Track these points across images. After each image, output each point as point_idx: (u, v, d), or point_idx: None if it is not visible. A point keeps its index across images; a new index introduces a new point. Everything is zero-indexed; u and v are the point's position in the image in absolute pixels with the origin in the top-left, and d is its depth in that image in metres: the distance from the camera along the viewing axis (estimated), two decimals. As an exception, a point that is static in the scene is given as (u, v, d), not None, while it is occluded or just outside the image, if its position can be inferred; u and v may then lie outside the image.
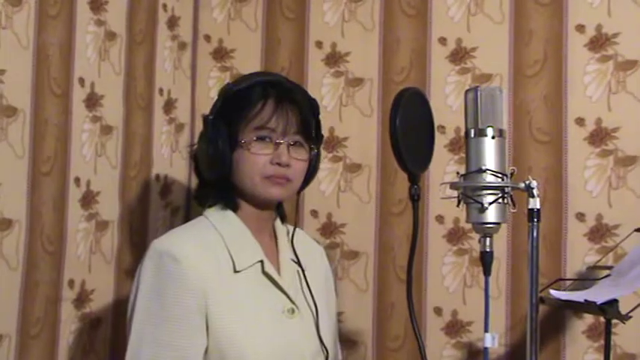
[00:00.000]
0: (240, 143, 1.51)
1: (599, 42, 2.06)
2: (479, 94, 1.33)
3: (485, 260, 1.34)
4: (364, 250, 2.20)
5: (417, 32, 2.21)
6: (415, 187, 1.37)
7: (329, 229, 2.23)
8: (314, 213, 2.25)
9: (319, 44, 2.29)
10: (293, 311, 1.54)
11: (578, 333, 2.03)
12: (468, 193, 1.32)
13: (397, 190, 2.17)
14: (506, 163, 1.34)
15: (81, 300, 1.87)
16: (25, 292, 1.68)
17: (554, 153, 2.08)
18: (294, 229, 1.65)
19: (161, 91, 2.23)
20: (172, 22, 2.30)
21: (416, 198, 1.38)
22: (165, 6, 2.26)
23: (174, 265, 1.43)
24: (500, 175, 1.31)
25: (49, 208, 1.76)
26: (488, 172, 1.31)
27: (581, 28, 2.08)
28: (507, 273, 2.09)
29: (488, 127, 1.32)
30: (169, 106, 2.27)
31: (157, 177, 2.21)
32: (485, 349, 1.31)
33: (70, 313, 1.83)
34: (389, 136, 1.32)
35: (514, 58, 2.13)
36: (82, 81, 1.88)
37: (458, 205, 1.35)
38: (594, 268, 1.94)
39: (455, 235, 2.13)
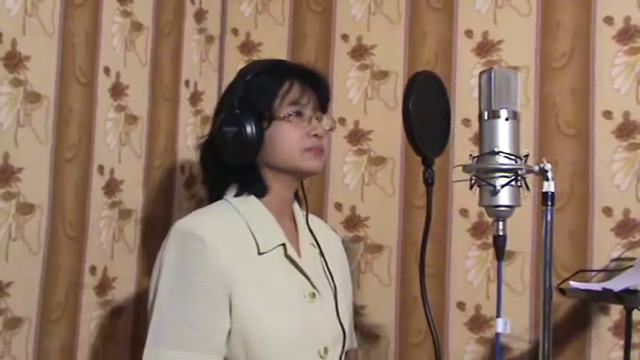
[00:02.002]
0: (280, 117, 1.52)
1: (628, 34, 2.03)
2: (493, 75, 1.32)
3: (498, 244, 1.32)
4: (387, 244, 2.19)
5: (443, 25, 2.20)
6: (429, 171, 1.36)
7: (353, 222, 2.23)
8: (338, 206, 2.24)
9: (345, 37, 2.28)
10: (314, 295, 1.54)
11: (604, 330, 1.99)
12: (481, 175, 1.31)
13: (421, 183, 2.09)
14: (520, 145, 1.32)
15: (103, 287, 1.89)
16: (46, 277, 1.70)
17: (581, 146, 2.04)
18: (307, 213, 1.65)
19: (187, 83, 2.24)
20: (200, 16, 2.32)
21: (430, 182, 1.37)
22: (192, -1, 2.28)
23: (198, 245, 1.42)
24: (513, 158, 1.29)
25: (71, 194, 1.78)
26: (501, 154, 1.29)
27: (609, 20, 2.04)
28: (532, 268, 2.05)
29: (502, 108, 1.31)
30: (195, 98, 2.29)
31: (182, 168, 2.22)
32: (497, 334, 1.30)
33: (91, 300, 1.85)
34: (402, 117, 1.31)
35: (541, 51, 2.10)
36: (107, 70, 1.90)
37: (471, 188, 1.33)
38: (618, 260, 1.90)
39: (479, 229, 2.11)
